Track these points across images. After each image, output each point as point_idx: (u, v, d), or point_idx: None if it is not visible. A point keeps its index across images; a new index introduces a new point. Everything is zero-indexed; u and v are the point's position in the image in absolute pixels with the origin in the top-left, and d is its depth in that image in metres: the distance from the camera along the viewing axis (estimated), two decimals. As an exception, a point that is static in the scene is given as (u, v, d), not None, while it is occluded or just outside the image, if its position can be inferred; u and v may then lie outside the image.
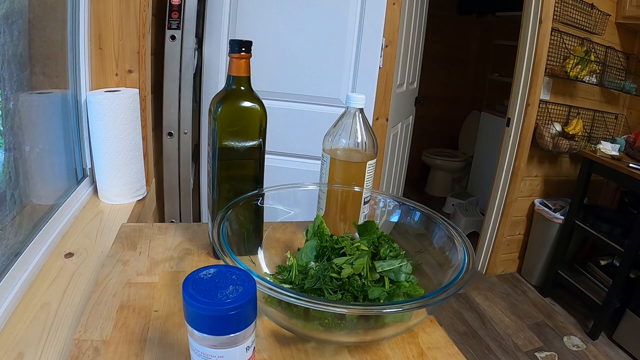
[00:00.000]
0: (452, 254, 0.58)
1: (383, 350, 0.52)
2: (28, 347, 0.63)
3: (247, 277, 0.39)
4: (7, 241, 0.78)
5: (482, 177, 3.41)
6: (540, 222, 2.47)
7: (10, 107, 0.84)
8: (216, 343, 0.36)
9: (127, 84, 1.25)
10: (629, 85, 2.31)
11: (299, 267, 0.59)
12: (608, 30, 2.30)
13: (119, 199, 1.19)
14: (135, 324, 0.53)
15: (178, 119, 1.50)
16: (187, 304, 0.36)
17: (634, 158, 2.09)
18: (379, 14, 1.69)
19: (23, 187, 0.88)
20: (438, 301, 0.45)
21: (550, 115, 2.30)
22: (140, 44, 1.22)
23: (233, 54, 0.60)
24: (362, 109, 0.72)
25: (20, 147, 0.88)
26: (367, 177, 0.73)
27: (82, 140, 1.22)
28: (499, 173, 2.50)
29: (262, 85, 1.70)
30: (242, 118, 0.64)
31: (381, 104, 1.84)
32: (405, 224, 0.68)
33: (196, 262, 0.68)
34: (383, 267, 0.57)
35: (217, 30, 1.70)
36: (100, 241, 0.97)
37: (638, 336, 1.95)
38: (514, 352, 1.97)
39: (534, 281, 2.56)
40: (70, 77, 1.15)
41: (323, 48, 1.73)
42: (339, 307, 0.44)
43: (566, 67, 2.15)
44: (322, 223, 0.64)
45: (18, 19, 0.86)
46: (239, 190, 0.65)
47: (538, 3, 2.14)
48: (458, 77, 3.99)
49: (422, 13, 2.36)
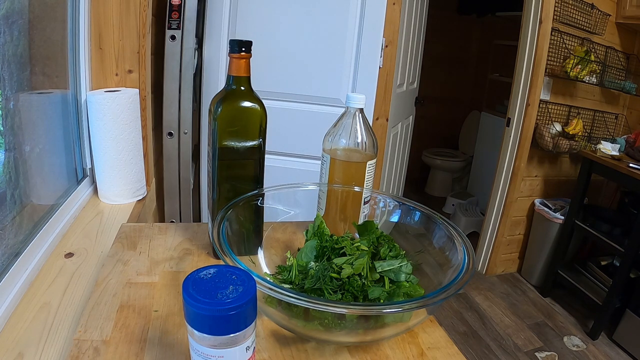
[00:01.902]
0: (452, 254, 0.58)
1: (383, 350, 0.52)
2: (28, 347, 0.63)
3: (247, 277, 0.39)
4: (7, 241, 0.78)
5: (482, 177, 3.41)
6: (540, 222, 2.47)
7: (10, 107, 0.84)
8: (216, 343, 0.36)
9: (127, 84, 1.25)
10: (629, 85, 2.31)
11: (299, 267, 0.59)
12: (608, 30, 2.30)
13: (119, 199, 1.19)
14: (135, 324, 0.53)
15: (178, 119, 1.50)
16: (187, 304, 0.36)
17: (634, 158, 2.09)
18: (379, 14, 1.69)
19: (23, 187, 0.88)
20: (438, 301, 0.45)
21: (550, 115, 2.30)
22: (140, 44, 1.22)
23: (233, 54, 0.60)
24: (362, 109, 0.72)
25: (20, 147, 0.88)
26: (367, 177, 0.73)
27: (82, 140, 1.22)
28: (499, 173, 2.50)
29: (262, 85, 1.70)
30: (242, 118, 0.64)
31: (381, 104, 1.84)
32: (405, 224, 0.68)
33: (196, 262, 0.68)
34: (383, 267, 0.57)
35: (217, 30, 1.70)
36: (100, 241, 0.97)
37: (638, 336, 1.95)
38: (514, 352, 1.97)
39: (534, 281, 2.56)
40: (70, 77, 1.15)
41: (323, 48, 1.73)
42: (339, 307, 0.44)
43: (566, 67, 2.15)
44: (322, 223, 0.64)
45: (18, 19, 0.86)
46: (239, 190, 0.65)
47: (538, 3, 2.14)
48: (458, 77, 3.99)
49: (422, 13, 2.36)
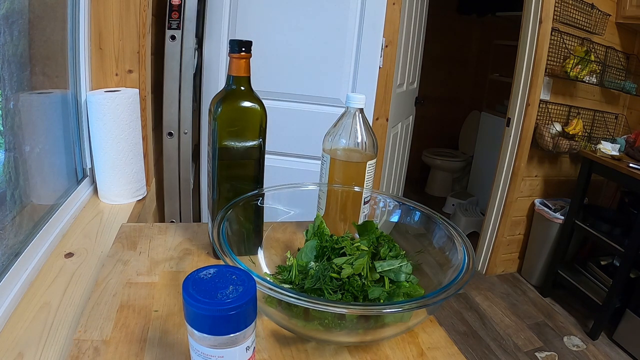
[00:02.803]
0: (452, 254, 0.58)
1: (383, 350, 0.52)
2: (28, 347, 0.63)
3: (247, 277, 0.39)
4: (7, 241, 0.78)
5: (482, 177, 3.41)
6: (541, 222, 2.47)
7: (10, 107, 0.84)
8: (216, 343, 0.36)
9: (127, 84, 1.25)
10: (629, 85, 2.31)
11: (299, 267, 0.59)
12: (608, 30, 2.30)
13: (119, 199, 1.19)
14: (135, 324, 0.53)
15: (178, 119, 1.50)
16: (187, 304, 0.36)
17: (634, 158, 2.09)
18: (379, 14, 1.69)
19: (23, 187, 0.88)
20: (438, 301, 0.45)
21: (550, 115, 2.30)
22: (140, 44, 1.22)
23: (233, 54, 0.60)
24: (362, 109, 0.72)
25: (20, 147, 0.88)
26: (367, 177, 0.73)
27: (82, 140, 1.22)
28: (499, 173, 2.50)
29: (262, 85, 1.70)
30: (242, 118, 0.64)
31: (381, 104, 1.84)
32: (405, 224, 0.68)
33: (196, 262, 0.68)
34: (383, 267, 0.57)
35: (217, 30, 1.70)
36: (100, 241, 0.97)
37: (638, 336, 1.95)
38: (514, 352, 1.97)
39: (534, 281, 2.56)
40: (70, 77, 1.15)
41: (323, 48, 1.73)
42: (339, 307, 0.44)
43: (566, 67, 2.15)
44: (322, 223, 0.64)
45: (18, 19, 0.86)
46: (239, 190, 0.65)
47: (538, 3, 2.14)
48: (458, 77, 3.98)
49: (422, 13, 2.36)
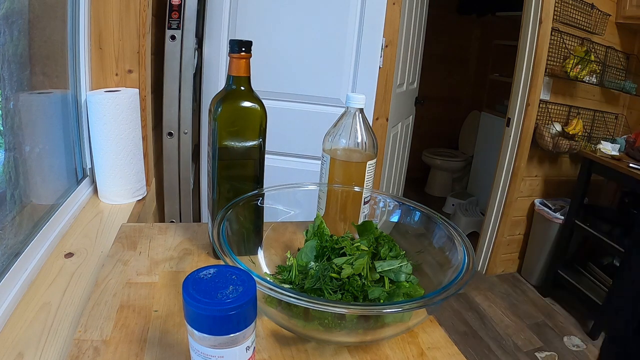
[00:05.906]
0: (452, 254, 0.58)
1: (383, 350, 0.52)
2: (28, 347, 0.63)
3: (247, 277, 0.39)
4: (7, 241, 0.78)
5: (482, 177, 3.41)
6: (541, 222, 2.47)
7: (10, 107, 0.84)
8: (216, 343, 0.36)
9: (127, 83, 1.25)
10: (629, 85, 2.31)
11: (299, 267, 0.59)
12: (608, 30, 2.30)
13: (119, 199, 1.19)
14: (135, 324, 0.53)
15: (178, 119, 1.50)
16: (187, 304, 0.36)
17: (634, 158, 2.09)
18: (379, 14, 1.69)
19: (23, 187, 0.88)
20: (438, 301, 0.45)
21: (550, 115, 2.30)
22: (140, 43, 1.22)
23: (233, 54, 0.60)
24: (362, 109, 0.72)
25: (20, 147, 0.88)
26: (367, 177, 0.73)
27: (82, 140, 1.22)
28: (499, 173, 2.50)
29: (262, 85, 1.69)
30: (242, 118, 0.64)
31: (381, 104, 1.84)
32: (405, 224, 0.68)
33: (196, 262, 0.68)
34: (383, 267, 0.57)
35: (217, 30, 1.70)
36: (100, 241, 0.97)
37: (638, 336, 1.95)
38: (514, 352, 1.97)
39: (534, 281, 2.56)
40: (70, 77, 1.15)
41: (323, 48, 1.73)
42: (339, 307, 0.44)
43: (566, 67, 2.15)
44: (322, 223, 0.64)
45: (18, 19, 0.86)
46: (239, 190, 0.65)
47: (538, 3, 2.14)
48: (458, 77, 3.98)
49: (422, 13, 2.36)
